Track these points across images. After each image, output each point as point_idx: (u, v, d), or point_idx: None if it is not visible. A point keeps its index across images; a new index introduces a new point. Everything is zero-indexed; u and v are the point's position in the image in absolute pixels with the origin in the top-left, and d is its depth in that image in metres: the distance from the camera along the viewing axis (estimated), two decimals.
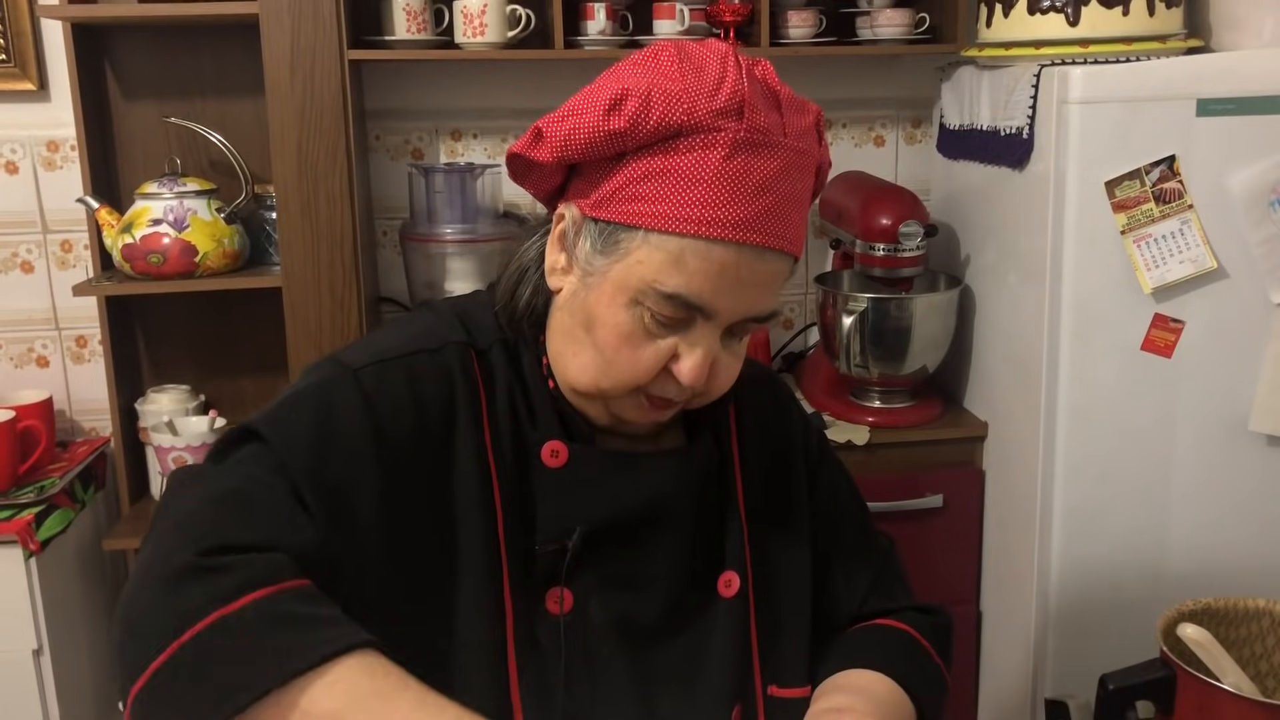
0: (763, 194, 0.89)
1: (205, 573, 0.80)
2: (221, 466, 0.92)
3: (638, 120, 0.88)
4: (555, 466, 0.99)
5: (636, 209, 0.90)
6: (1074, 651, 1.98)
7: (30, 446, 2.09)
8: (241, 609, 0.78)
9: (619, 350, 0.93)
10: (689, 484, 1.04)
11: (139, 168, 2.24)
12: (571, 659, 0.98)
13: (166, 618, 0.79)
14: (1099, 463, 1.92)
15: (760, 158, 0.89)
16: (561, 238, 0.97)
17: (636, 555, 1.01)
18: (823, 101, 2.44)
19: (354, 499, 0.91)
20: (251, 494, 0.88)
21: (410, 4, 2.08)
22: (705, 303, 0.90)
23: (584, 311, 0.95)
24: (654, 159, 0.89)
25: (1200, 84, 1.81)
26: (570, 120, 0.91)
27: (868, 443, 2.11)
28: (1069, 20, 1.91)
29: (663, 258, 0.89)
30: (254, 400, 2.38)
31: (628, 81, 0.90)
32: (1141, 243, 1.83)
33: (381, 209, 2.38)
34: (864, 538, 1.18)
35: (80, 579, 2.18)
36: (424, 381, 0.96)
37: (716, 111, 0.88)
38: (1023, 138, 1.92)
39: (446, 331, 1.01)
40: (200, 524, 0.85)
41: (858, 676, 1.07)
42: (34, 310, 2.32)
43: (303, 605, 0.81)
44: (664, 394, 0.96)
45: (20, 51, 2.19)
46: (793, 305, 2.57)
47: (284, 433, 0.91)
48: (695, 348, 0.93)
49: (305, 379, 0.97)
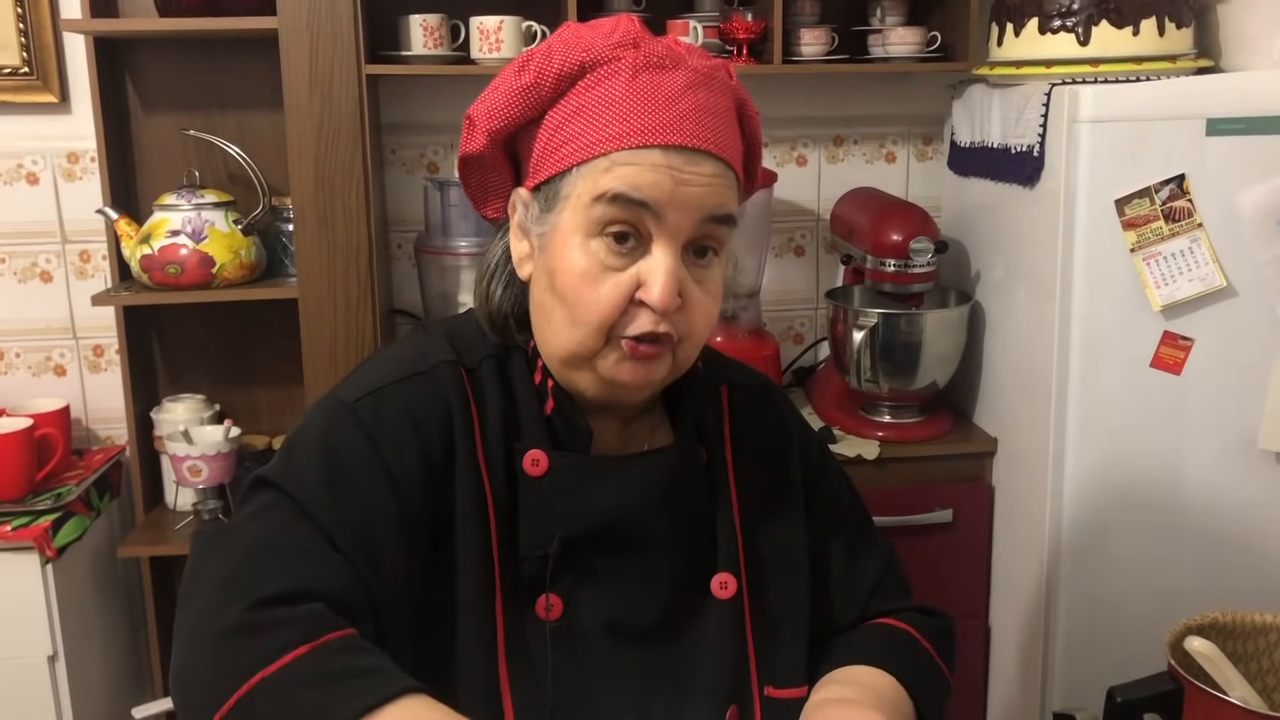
0: (675, 102, 0.93)
1: (248, 633, 0.82)
2: (246, 519, 0.94)
3: (543, 69, 0.95)
4: (536, 475, 1.00)
5: (564, 153, 0.94)
6: (1082, 666, 1.98)
7: (47, 454, 2.11)
8: (283, 668, 0.80)
9: (580, 290, 0.94)
10: (673, 486, 1.04)
11: (158, 179, 2.26)
12: (560, 664, 0.99)
13: (215, 682, 0.81)
14: (1108, 479, 1.93)
15: (665, 74, 0.94)
16: (520, 225, 1.01)
17: (626, 560, 1.02)
18: (834, 119, 2.48)
19: (376, 529, 0.93)
20: (282, 542, 0.90)
21: (427, 20, 2.10)
22: (646, 197, 0.91)
23: (546, 274, 0.97)
24: (567, 103, 0.95)
25: (1210, 103, 1.82)
26: (489, 95, 0.98)
27: (878, 457, 2.12)
28: (1080, 40, 1.93)
29: (595, 176, 0.93)
30: (268, 411, 2.40)
31: (533, 48, 0.98)
32: (1151, 260, 1.85)
33: (397, 222, 2.40)
34: (865, 542, 1.19)
35: (95, 586, 2.19)
36: (419, 405, 0.98)
37: (613, 45, 0.94)
38: (1033, 155, 1.94)
39: (436, 353, 1.02)
40: (240, 579, 0.87)
41: (858, 671, 1.08)
42: (52, 319, 2.34)
43: (346, 657, 0.83)
44: (639, 329, 0.94)
45: (43, 64, 2.22)
46: (803, 320, 2.59)
47: (297, 480, 0.93)
48: (656, 268, 0.93)
49: (307, 421, 0.99)
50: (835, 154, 2.50)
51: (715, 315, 1.00)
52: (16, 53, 2.21)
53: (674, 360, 0.99)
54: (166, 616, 2.29)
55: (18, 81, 2.22)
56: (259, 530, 0.92)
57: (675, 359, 0.99)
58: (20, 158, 2.27)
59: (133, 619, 2.37)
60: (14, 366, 2.35)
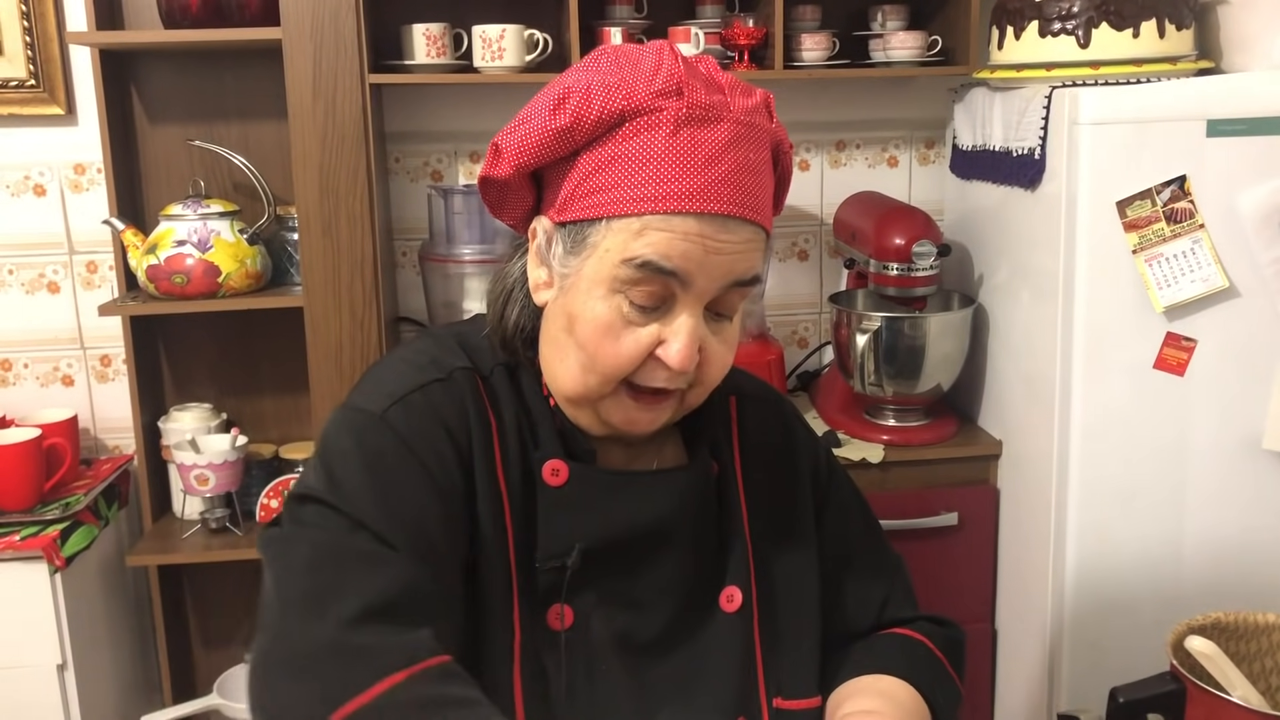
0: (714, 164, 0.90)
1: (344, 655, 0.83)
2: (301, 537, 0.93)
3: (581, 113, 0.91)
4: (556, 485, 1.00)
5: (595, 201, 0.92)
6: (1088, 667, 1.98)
7: (55, 464, 2.12)
8: (379, 696, 0.81)
9: (600, 343, 0.94)
10: (689, 503, 1.04)
11: (163, 190, 2.28)
12: (572, 674, 1.00)
13: (309, 704, 0.81)
14: (1113, 480, 1.93)
15: (706, 129, 0.90)
16: (539, 253, 0.99)
17: (637, 572, 1.02)
18: (836, 123, 2.49)
19: (430, 530, 0.93)
20: (349, 551, 0.90)
21: (430, 29, 2.11)
22: (675, 267, 0.90)
23: (564, 314, 0.96)
24: (603, 149, 0.91)
25: (1210, 105, 1.83)
26: (521, 128, 0.94)
27: (882, 461, 2.13)
28: (1080, 43, 1.93)
29: (626, 237, 0.91)
30: (275, 419, 2.41)
31: (569, 81, 0.93)
32: (1153, 262, 1.85)
33: (401, 230, 2.41)
34: (877, 552, 1.19)
35: (103, 595, 2.20)
36: (444, 410, 0.98)
37: (655, 93, 0.90)
38: (1034, 158, 1.94)
39: (451, 359, 1.02)
40: (317, 596, 0.87)
41: (878, 681, 1.08)
42: (60, 330, 2.36)
43: (443, 685, 0.83)
44: (652, 382, 0.95)
45: (49, 77, 2.23)
46: (807, 324, 2.59)
47: (345, 493, 0.92)
48: (679, 330, 0.93)
49: (337, 435, 0.97)
50: (837, 158, 2.51)
51: (730, 361, 1.00)
52: (23, 65, 2.22)
53: (681, 403, 1.00)
54: (175, 625, 2.30)
55: (24, 94, 2.23)
56: (320, 545, 0.91)
57: (684, 401, 1.00)
58: (27, 169, 2.29)
59: (141, 627, 2.38)
60: (22, 377, 2.36)
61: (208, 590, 2.42)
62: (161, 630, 2.22)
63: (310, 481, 0.95)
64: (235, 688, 2.15)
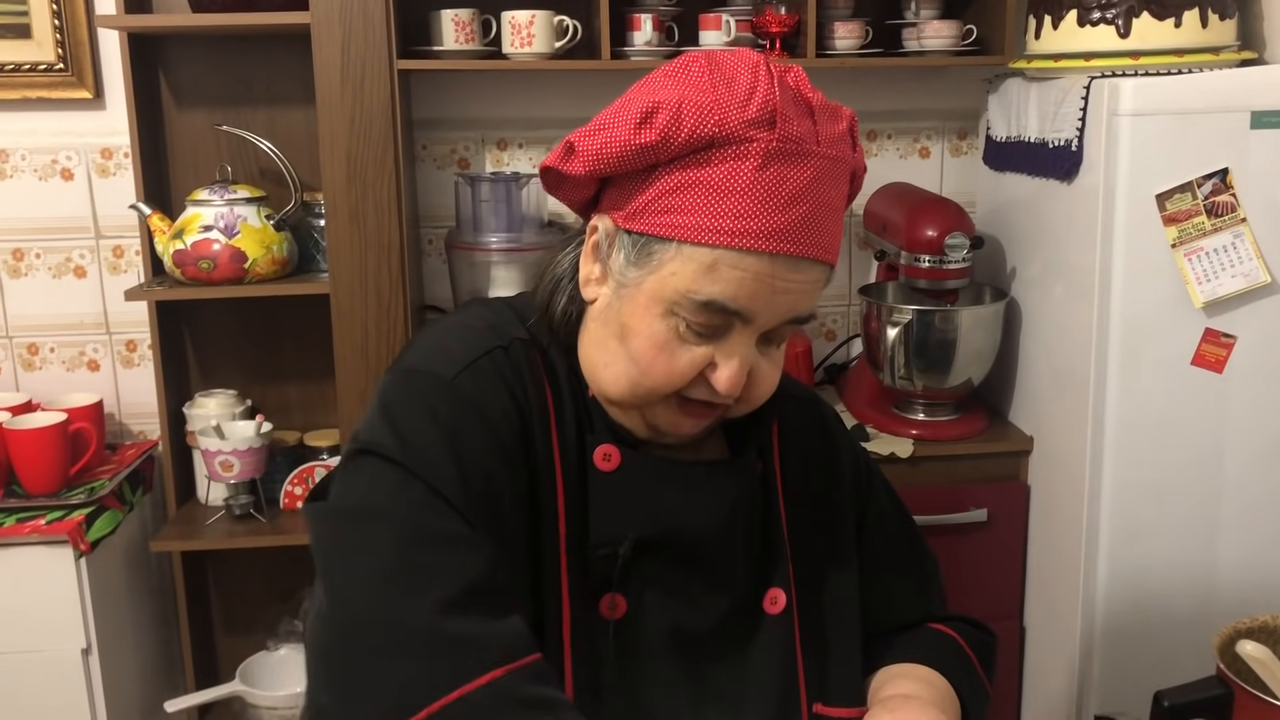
0: (796, 203, 0.89)
1: (441, 644, 0.83)
2: (380, 501, 0.90)
3: (669, 133, 0.88)
4: (608, 470, 0.99)
5: (670, 220, 0.90)
6: (1120, 668, 1.95)
7: (81, 449, 2.13)
8: (479, 690, 0.81)
9: (654, 360, 0.93)
10: (739, 499, 1.04)
11: (190, 175, 2.27)
12: (622, 664, 0.98)
13: (405, 690, 0.82)
14: (1148, 478, 1.90)
15: (793, 167, 0.89)
16: (595, 249, 0.97)
17: (690, 566, 1.01)
18: (868, 113, 2.46)
19: (502, 504, 0.92)
20: (431, 530, 0.88)
21: (459, 15, 2.10)
22: (741, 308, 0.90)
23: (618, 322, 0.95)
24: (686, 171, 0.89)
25: (1254, 96, 1.79)
26: (602, 134, 0.91)
27: (911, 455, 2.10)
28: (1120, 32, 1.90)
29: (696, 268, 0.89)
30: (299, 406, 2.41)
31: (659, 94, 0.90)
32: (1193, 256, 1.82)
33: (428, 217, 2.40)
34: (916, 556, 1.20)
35: (128, 579, 2.21)
36: (509, 378, 0.96)
37: (748, 122, 0.88)
38: (1071, 150, 1.91)
39: (509, 328, 1.01)
40: (406, 576, 0.86)
41: (918, 669, 1.09)
42: (86, 315, 2.36)
43: (538, 687, 0.84)
44: (699, 396, 0.95)
45: (77, 61, 2.23)
46: (836, 317, 2.57)
47: (422, 458, 0.90)
48: (732, 356, 0.93)
49: (405, 397, 0.94)
50: (869, 149, 2.48)
51: (777, 382, 1.00)
52: (52, 49, 2.22)
53: (726, 413, 1.00)
54: (198, 610, 2.30)
55: (53, 78, 2.23)
56: (405, 513, 0.88)
57: (728, 411, 1.00)
58: (55, 153, 2.28)
59: (165, 612, 2.38)
60: (48, 361, 2.37)
61: (231, 576, 2.42)
62: (185, 616, 2.22)
63: (376, 437, 0.92)
64: (258, 674, 2.15)
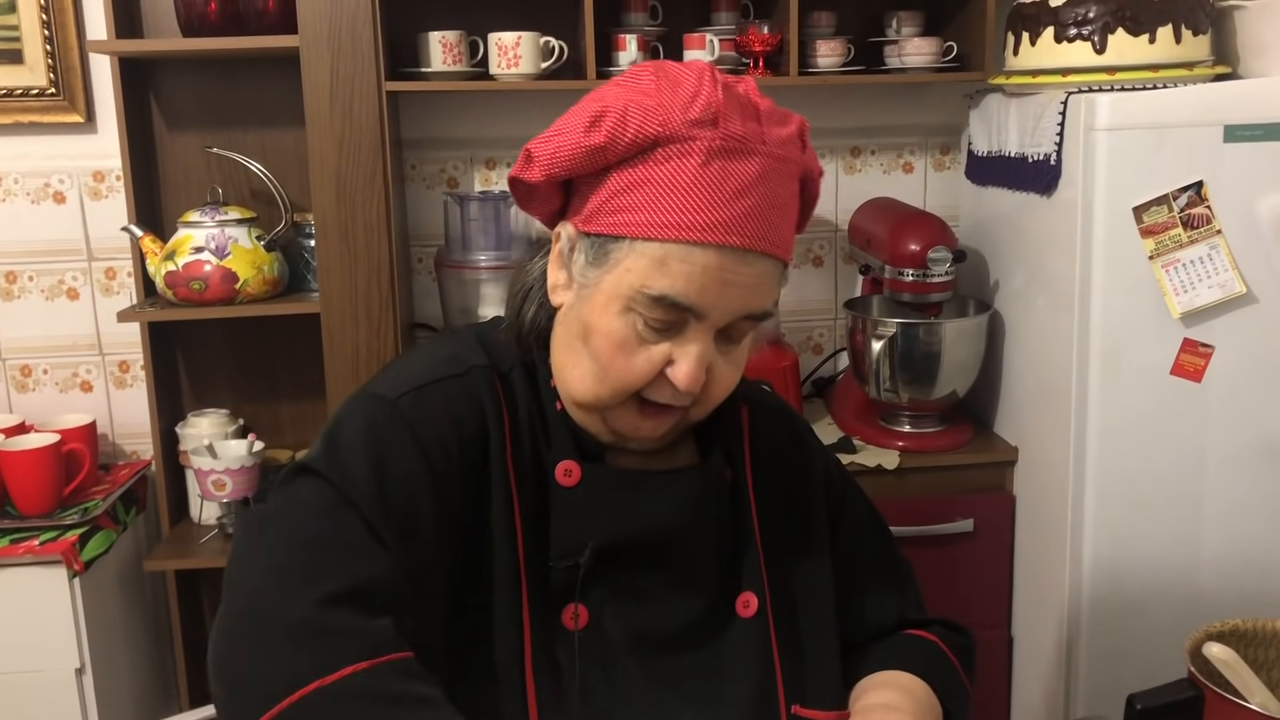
0: (741, 197, 0.92)
1: (312, 634, 0.84)
2: (291, 508, 0.94)
3: (615, 134, 0.92)
4: (569, 485, 1.01)
5: (622, 219, 0.93)
6: (1105, 674, 1.97)
7: (74, 469, 2.14)
8: (342, 680, 0.82)
9: (614, 357, 0.96)
10: (702, 502, 1.05)
11: (181, 197, 2.29)
12: (587, 675, 1.00)
13: (270, 679, 0.82)
14: (1129, 487, 1.92)
15: (737, 163, 0.92)
16: (560, 255, 1.01)
17: (652, 572, 1.03)
18: (851, 129, 2.48)
19: (418, 523, 0.94)
20: (334, 535, 0.91)
21: (446, 37, 2.12)
22: (692, 303, 0.93)
23: (580, 322, 0.98)
24: (635, 170, 0.93)
25: (1228, 110, 1.82)
26: (555, 140, 0.96)
27: (898, 467, 2.12)
28: (1096, 48, 1.93)
29: (648, 263, 0.92)
30: (291, 425, 2.42)
31: (607, 100, 0.94)
32: (1170, 268, 1.84)
33: (417, 236, 2.42)
34: (890, 561, 1.21)
35: (121, 599, 2.22)
36: (457, 405, 1.00)
37: (691, 121, 0.91)
38: (1050, 164, 1.94)
39: (470, 356, 1.04)
40: (298, 571, 0.88)
41: (899, 676, 1.10)
42: (79, 336, 2.37)
43: (404, 682, 0.84)
44: (659, 398, 0.98)
45: (69, 85, 2.25)
46: (822, 331, 2.59)
47: (343, 470, 0.94)
48: (689, 352, 0.95)
49: (348, 415, 0.99)
50: (853, 164, 2.51)
51: (736, 382, 1.02)
52: (44, 74, 2.24)
53: (685, 417, 1.02)
54: (193, 629, 2.31)
55: (45, 102, 2.25)
56: (311, 522, 0.92)
57: (687, 415, 1.02)
58: (48, 177, 2.31)
59: (159, 632, 2.39)
60: (41, 383, 2.38)
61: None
62: (179, 635, 2.23)
63: (312, 454, 0.97)
64: None
